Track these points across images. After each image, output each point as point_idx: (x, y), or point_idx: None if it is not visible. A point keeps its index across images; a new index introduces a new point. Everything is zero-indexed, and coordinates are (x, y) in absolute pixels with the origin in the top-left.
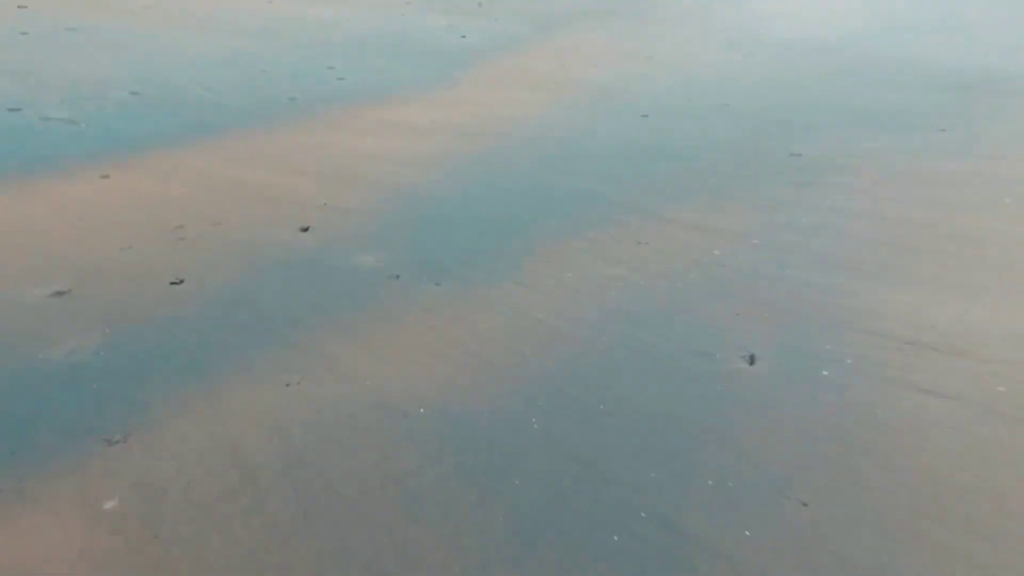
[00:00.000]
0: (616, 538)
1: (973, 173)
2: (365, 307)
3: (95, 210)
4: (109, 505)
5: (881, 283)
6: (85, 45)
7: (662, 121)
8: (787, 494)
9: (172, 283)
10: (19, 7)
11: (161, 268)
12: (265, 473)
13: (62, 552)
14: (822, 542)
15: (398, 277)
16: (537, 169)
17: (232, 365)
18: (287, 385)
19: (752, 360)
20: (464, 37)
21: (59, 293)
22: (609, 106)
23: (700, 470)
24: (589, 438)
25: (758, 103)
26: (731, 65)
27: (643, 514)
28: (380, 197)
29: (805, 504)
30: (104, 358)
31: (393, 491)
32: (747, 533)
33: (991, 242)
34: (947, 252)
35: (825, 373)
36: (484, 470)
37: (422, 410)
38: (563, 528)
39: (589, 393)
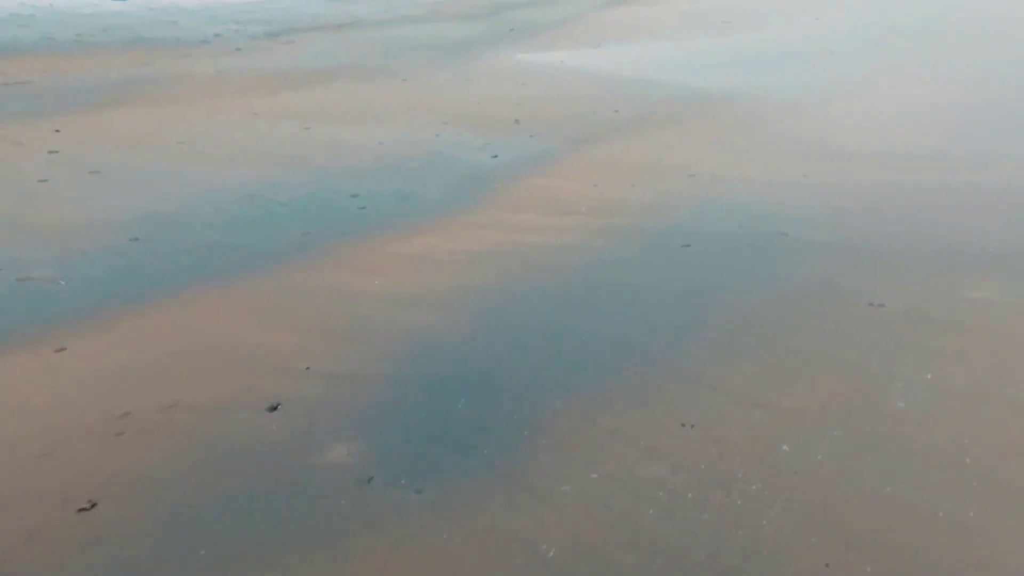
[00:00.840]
0: None
1: None
2: (322, 527)
3: (28, 397)
4: None
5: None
6: (102, 188)
7: (707, 252)
8: None
9: (81, 509)
10: (50, 152)
11: (77, 484)
12: None
13: None
14: None
15: (370, 480)
16: (562, 311)
17: None
18: None
19: None
20: (496, 156)
21: None
22: (647, 233)
23: None
24: None
25: (823, 233)
26: (789, 184)
27: None
28: (372, 355)
29: None
30: None
31: None
32: None
33: None
34: None
35: None
36: None
37: None
38: None
39: None
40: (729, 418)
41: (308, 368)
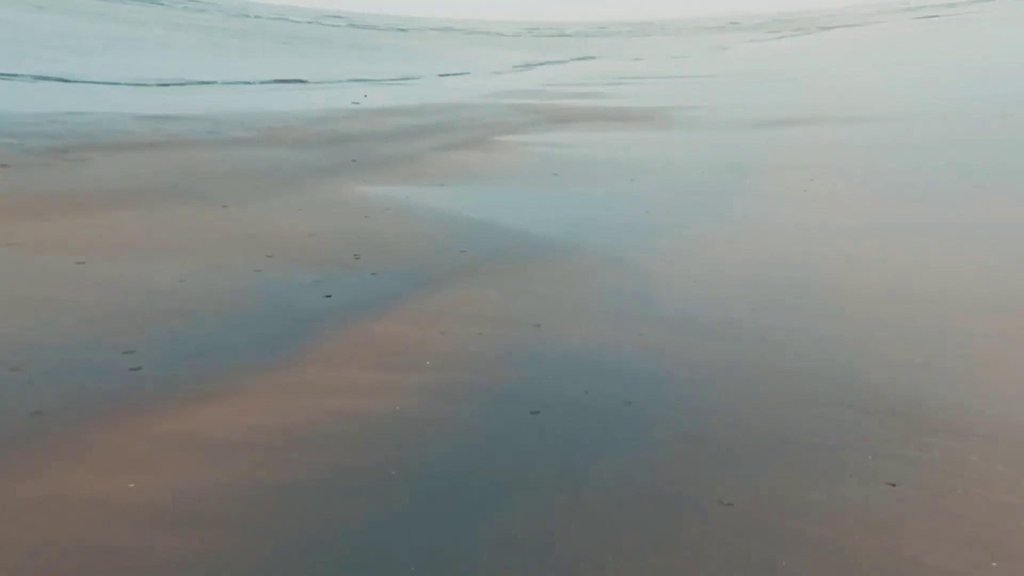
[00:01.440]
0: None
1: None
2: None
3: None
4: None
5: None
6: None
7: (556, 422)
8: None
9: None
10: (78, 263)
11: None
12: None
13: None
14: None
15: None
16: (383, 514)
17: None
18: None
19: None
20: (329, 296)
21: None
22: (495, 395)
23: None
24: None
25: (666, 408)
26: (627, 344)
27: None
28: None
29: None
30: None
31: None
32: None
33: None
34: None
35: None
36: None
37: None
38: None
39: None
40: None
41: None
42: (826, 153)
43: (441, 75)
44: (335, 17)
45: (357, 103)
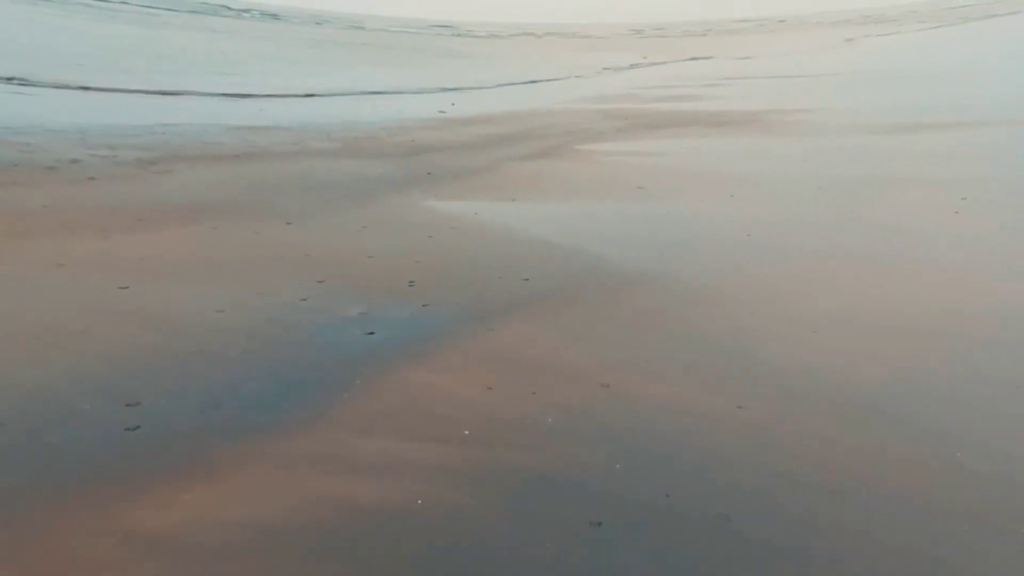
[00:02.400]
0: None
1: None
2: None
3: None
4: None
5: None
6: None
7: (622, 543)
8: None
9: None
10: (120, 288)
11: None
12: None
13: None
14: None
15: None
16: None
17: None
18: None
19: None
20: (372, 334)
21: None
22: (544, 490)
23: None
24: None
25: (778, 529)
26: (722, 419)
27: None
28: None
29: None
30: None
31: None
32: None
33: None
34: None
35: None
36: None
37: None
38: None
39: None
40: None
41: None
42: (977, 164)
43: (531, 81)
44: (442, 26)
45: (443, 112)
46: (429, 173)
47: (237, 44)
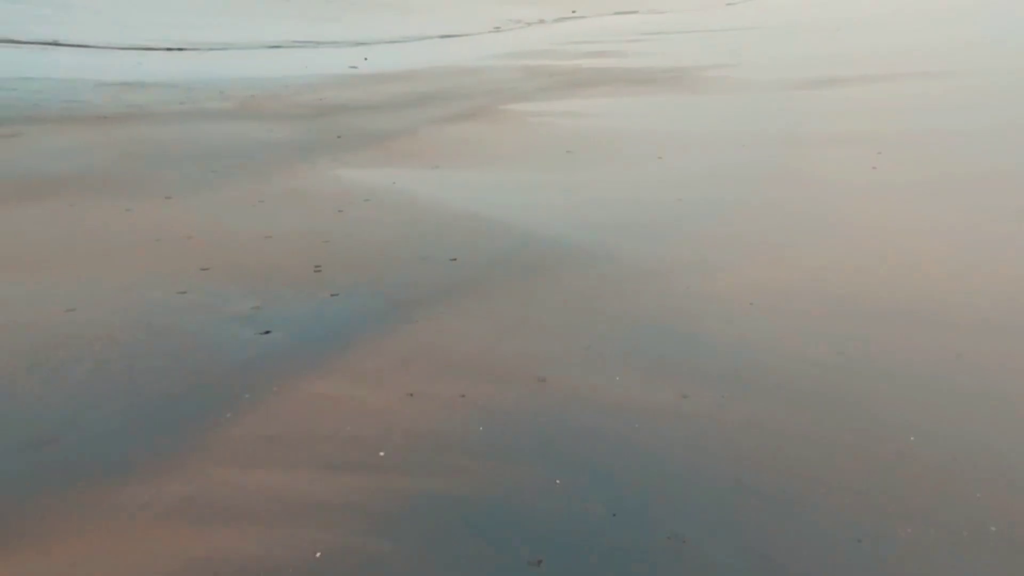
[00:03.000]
0: None
1: None
2: None
3: None
4: None
5: None
6: None
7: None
8: None
9: None
10: None
11: None
12: None
13: None
14: None
15: None
16: None
17: None
18: None
19: None
20: (268, 333)
21: None
22: (468, 524)
23: None
24: None
25: (732, 541)
26: (672, 421)
27: None
28: None
29: None
30: None
31: None
32: None
33: None
34: None
35: None
36: None
37: None
38: None
39: None
40: None
41: None
42: (888, 119)
43: (451, 35)
44: None
45: (355, 68)
46: (339, 137)
47: None
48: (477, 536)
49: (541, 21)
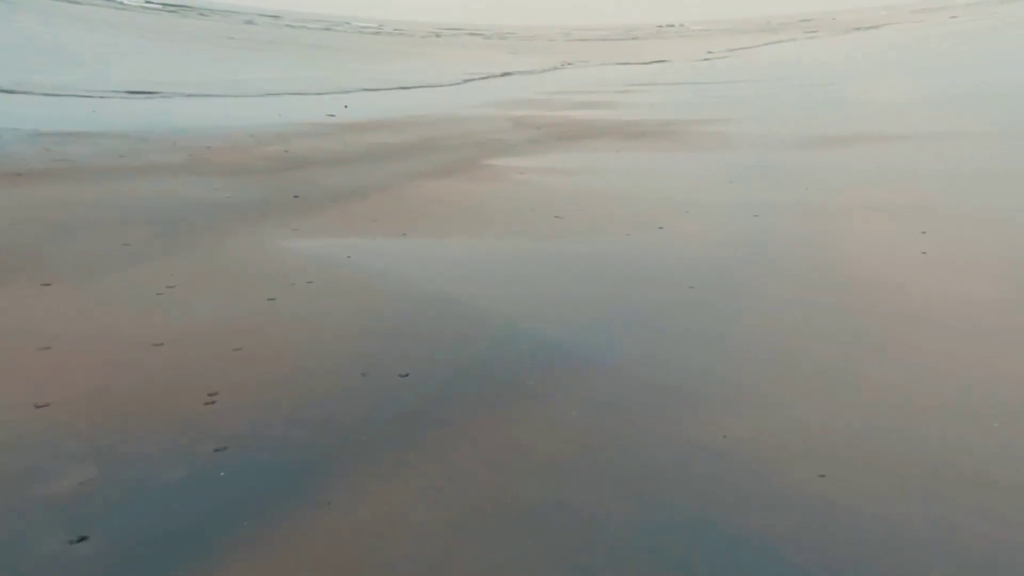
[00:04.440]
0: None
1: None
2: None
3: None
4: None
5: None
6: None
7: None
8: None
9: None
10: None
11: None
12: None
13: None
14: None
15: None
16: None
17: None
18: None
19: None
20: (82, 540)
21: None
22: None
23: None
24: None
25: None
26: None
27: None
28: None
29: None
30: None
31: None
32: None
33: None
34: None
35: None
36: None
37: None
38: None
39: None
40: None
41: None
42: (919, 185)
43: (437, 85)
44: (369, 25)
45: (333, 115)
46: (296, 196)
47: (106, 36)
48: None
49: (530, 72)
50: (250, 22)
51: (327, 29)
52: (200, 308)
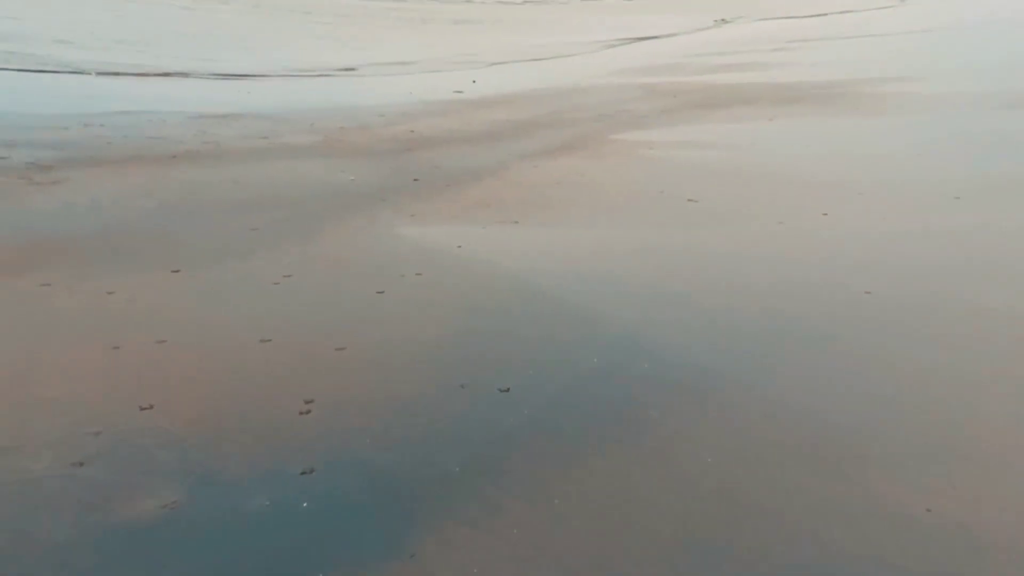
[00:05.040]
0: None
1: None
2: None
3: None
4: None
5: None
6: None
7: None
8: None
9: None
10: None
11: None
12: None
13: None
14: None
15: None
16: None
17: None
18: None
19: None
20: None
21: None
22: None
23: None
24: None
25: None
26: None
27: None
28: None
29: None
30: None
31: None
32: None
33: None
34: None
35: None
36: None
37: None
38: None
39: None
40: None
41: None
42: None
43: (566, 55)
44: None
45: (460, 92)
46: (416, 180)
47: (252, 20)
48: None
49: (674, 34)
50: None
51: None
52: (311, 301)
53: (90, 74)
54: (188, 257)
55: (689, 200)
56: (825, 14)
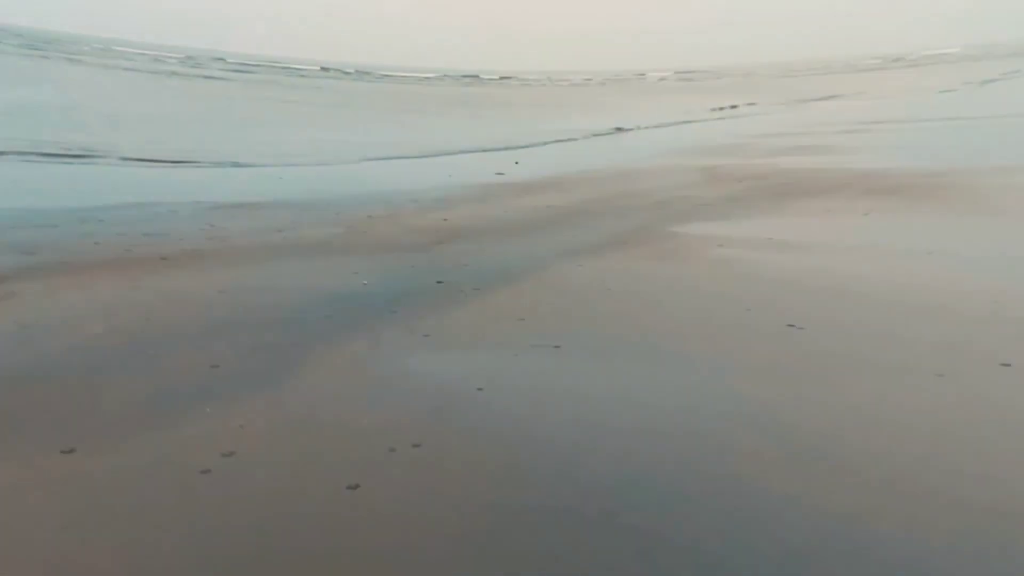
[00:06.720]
0: None
1: None
2: None
3: None
4: None
5: None
6: None
7: None
8: None
9: None
10: None
11: None
12: None
13: None
14: None
15: None
16: None
17: None
18: None
19: None
20: None
21: None
22: None
23: None
24: None
25: None
26: None
27: None
28: None
29: None
30: None
31: None
32: None
33: None
34: None
35: None
36: None
37: None
38: None
39: None
40: None
41: None
42: None
43: (616, 130)
44: (540, 75)
45: (502, 173)
46: (439, 282)
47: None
48: None
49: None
50: (426, 80)
51: (502, 79)
52: (244, 507)
53: (110, 159)
54: (95, 426)
55: (789, 325)
56: (889, 97)
